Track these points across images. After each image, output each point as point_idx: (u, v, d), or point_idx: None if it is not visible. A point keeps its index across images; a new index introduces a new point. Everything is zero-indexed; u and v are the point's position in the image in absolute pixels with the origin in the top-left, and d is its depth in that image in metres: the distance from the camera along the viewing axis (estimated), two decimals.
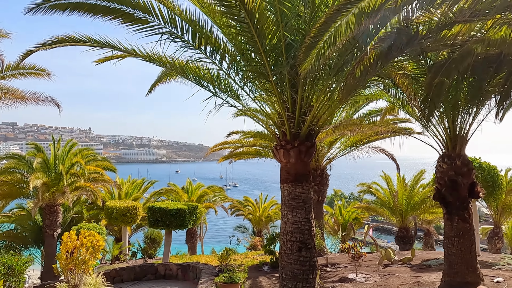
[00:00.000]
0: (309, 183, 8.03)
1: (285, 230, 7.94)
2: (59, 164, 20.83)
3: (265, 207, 29.51)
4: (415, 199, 22.18)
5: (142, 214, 21.68)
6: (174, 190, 27.09)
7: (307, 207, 7.94)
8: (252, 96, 8.75)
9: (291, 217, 7.87)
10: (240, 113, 18.99)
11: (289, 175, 7.94)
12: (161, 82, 10.85)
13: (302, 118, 7.71)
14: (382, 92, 11.82)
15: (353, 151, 18.62)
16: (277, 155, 8.11)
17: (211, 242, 34.28)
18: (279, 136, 8.21)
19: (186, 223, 16.76)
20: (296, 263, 7.74)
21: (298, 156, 7.83)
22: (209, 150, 18.60)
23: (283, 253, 7.95)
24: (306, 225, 7.86)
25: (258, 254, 19.91)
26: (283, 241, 7.97)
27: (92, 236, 10.39)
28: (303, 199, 7.90)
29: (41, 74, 14.96)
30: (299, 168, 7.92)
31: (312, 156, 8.08)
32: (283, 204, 8.06)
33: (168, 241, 17.67)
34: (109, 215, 20.25)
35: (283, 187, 8.09)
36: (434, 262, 13.96)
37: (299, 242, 7.78)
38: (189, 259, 19.48)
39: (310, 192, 8.06)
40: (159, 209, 16.51)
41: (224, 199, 29.16)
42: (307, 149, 7.87)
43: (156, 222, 16.68)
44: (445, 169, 9.78)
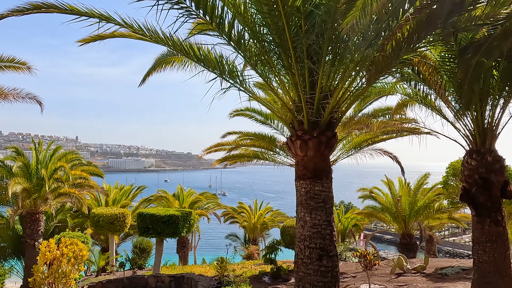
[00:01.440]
0: (329, 180, 6.91)
1: (302, 235, 6.78)
2: (41, 169, 19.35)
3: (260, 214, 28.21)
4: (419, 204, 21.20)
5: (131, 222, 20.29)
6: (165, 197, 25.72)
7: (327, 208, 6.81)
8: (262, 80, 7.52)
9: (309, 220, 6.71)
10: (236, 113, 17.92)
11: (307, 171, 6.80)
12: (155, 70, 9.66)
13: (323, 104, 6.60)
14: (395, 84, 10.82)
15: (356, 152, 17.57)
16: (292, 147, 6.97)
17: (201, 252, 32.80)
18: (295, 125, 7.07)
19: (179, 231, 15.48)
20: (316, 274, 6.57)
21: (317, 148, 6.71)
22: (204, 152, 17.40)
23: (300, 262, 6.78)
24: (327, 229, 6.72)
25: (255, 264, 18.65)
26: (300, 248, 6.80)
27: (74, 245, 9.09)
28: (323, 199, 6.76)
29: (21, 67, 13.68)
30: (318, 162, 6.81)
31: (333, 149, 6.96)
32: (300, 205, 6.91)
33: (160, 250, 16.33)
34: (95, 223, 18.84)
35: (299, 185, 6.94)
36: (450, 271, 12.91)
37: (319, 249, 6.62)
38: (182, 270, 18.11)
39: (331, 190, 6.93)
40: (150, 215, 15.22)
41: (217, 206, 27.82)
42: (328, 140, 6.76)
43: (146, 230, 15.36)
44: (474, 166, 8.72)
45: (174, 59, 9.28)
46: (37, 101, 15.05)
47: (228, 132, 16.35)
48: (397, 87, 10.90)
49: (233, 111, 17.57)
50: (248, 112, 17.75)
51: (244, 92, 7.52)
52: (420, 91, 9.62)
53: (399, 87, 10.76)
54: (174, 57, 9.25)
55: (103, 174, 23.43)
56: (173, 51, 8.77)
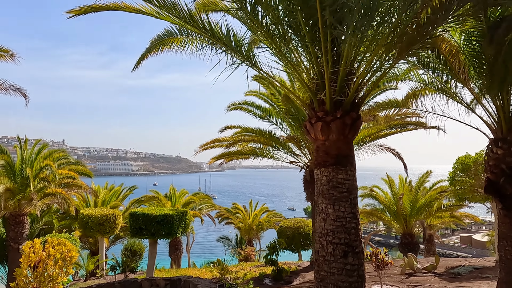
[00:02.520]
0: (354, 168, 6.16)
1: (324, 229, 5.99)
2: (26, 168, 18.24)
3: (255, 215, 27.34)
4: (420, 202, 20.61)
5: (121, 223, 19.29)
6: (157, 198, 24.71)
7: (352, 199, 6.04)
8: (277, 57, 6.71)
9: (332, 212, 5.93)
10: (234, 107, 17.12)
11: (329, 157, 6.03)
12: (151, 53, 8.80)
13: (347, 80, 5.84)
14: (408, 71, 10.15)
15: (358, 149, 16.88)
16: (312, 131, 6.19)
17: (191, 256, 31.59)
18: (314, 106, 6.28)
19: (175, 231, 14.55)
20: (340, 273, 5.79)
21: (341, 130, 5.94)
22: (200, 149, 16.52)
23: (322, 260, 5.98)
24: (352, 222, 5.95)
25: (253, 266, 17.80)
26: (321, 244, 6.01)
27: (62, 245, 8.16)
28: (347, 188, 6.00)
29: (3, 55, 12.70)
30: (342, 147, 6.04)
31: (357, 133, 6.21)
32: (320, 195, 6.12)
33: (153, 252, 15.36)
34: (83, 225, 17.81)
35: (319, 173, 6.16)
36: (462, 270, 12.25)
37: (344, 245, 5.84)
38: (177, 273, 17.16)
39: (355, 179, 6.16)
40: (142, 215, 14.26)
41: (211, 207, 26.87)
42: (353, 122, 6.00)
43: (139, 231, 14.40)
44: (500, 155, 8.07)
45: (172, 40, 8.43)
46: (22, 93, 14.06)
47: (226, 126, 15.53)
48: (410, 74, 10.24)
49: (231, 104, 16.78)
50: (246, 106, 16.96)
51: (254, 69, 6.69)
52: (439, 77, 8.94)
53: (413, 74, 10.10)
54: (172, 37, 8.41)
55: (92, 174, 22.35)
56: (173, 29, 7.98)
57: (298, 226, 21.32)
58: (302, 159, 16.93)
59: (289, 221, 22.53)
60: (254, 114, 17.00)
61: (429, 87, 9.92)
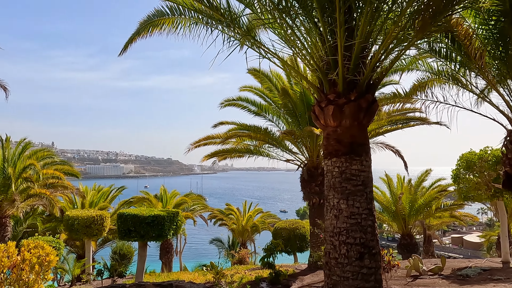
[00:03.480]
0: (369, 158, 5.44)
1: (337, 228, 5.27)
2: (8, 167, 17.28)
3: (250, 216, 26.52)
4: (419, 202, 20.03)
5: (109, 225, 18.38)
6: (147, 199, 23.82)
7: (368, 193, 5.33)
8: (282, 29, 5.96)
9: (345, 208, 5.21)
10: (228, 103, 16.35)
11: (341, 145, 5.31)
12: (140, 36, 8.00)
13: (362, 58, 5.12)
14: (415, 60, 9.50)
15: None
16: (321, 116, 5.48)
17: (182, 258, 30.60)
18: (325, 88, 5.55)
19: (165, 233, 13.72)
20: (355, 278, 5.07)
21: (355, 115, 5.24)
22: (192, 146, 15.70)
23: (334, 263, 5.25)
24: (369, 219, 5.24)
25: (248, 269, 17.01)
26: (333, 244, 5.28)
27: (40, 248, 7.31)
28: (362, 180, 5.29)
29: None
30: (356, 133, 5.33)
31: (373, 119, 5.50)
32: (331, 189, 5.40)
33: (143, 256, 14.50)
34: (69, 227, 16.85)
35: (330, 164, 5.44)
36: (470, 271, 11.62)
37: (360, 245, 5.13)
38: (168, 277, 16.32)
39: (371, 171, 5.45)
40: (131, 216, 13.42)
41: (203, 208, 26.02)
42: (369, 105, 5.30)
43: (128, 233, 13.55)
44: None
45: (163, 21, 7.66)
46: (1, 86, 13.18)
47: (221, 121, 14.75)
48: (418, 63, 9.59)
49: (224, 101, 16.02)
50: (240, 102, 16.21)
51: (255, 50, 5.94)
52: (451, 63, 8.29)
53: (421, 62, 9.45)
54: (163, 18, 7.64)
55: (79, 174, 21.42)
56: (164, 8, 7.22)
57: (294, 227, 20.63)
58: (299, 157, 16.24)
59: (284, 222, 21.82)
60: (249, 110, 16.28)
61: (438, 77, 9.27)
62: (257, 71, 15.33)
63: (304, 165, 16.03)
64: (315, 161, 15.78)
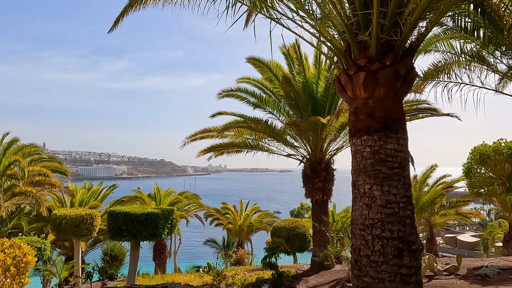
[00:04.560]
0: (406, 136, 4.58)
1: (369, 220, 4.38)
2: None
3: (247, 215, 25.56)
4: (424, 199, 19.26)
5: (100, 225, 17.36)
6: (140, 197, 22.81)
7: (406, 177, 4.47)
8: None
9: (379, 195, 4.34)
10: (226, 94, 15.38)
11: (373, 120, 4.44)
12: (133, 8, 7.08)
13: (399, 14, 4.25)
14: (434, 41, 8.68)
15: None
16: (349, 86, 4.60)
17: (171, 260, 29.23)
18: (353, 53, 4.65)
19: (160, 232, 12.81)
20: (393, 279, 4.19)
21: (391, 84, 4.37)
22: (188, 140, 14.74)
23: (366, 262, 4.36)
24: (407, 209, 4.37)
25: (248, 270, 16.09)
26: (365, 239, 4.40)
27: (16, 248, 6.37)
28: (399, 162, 4.42)
29: None
30: (391, 107, 4.46)
31: (410, 90, 4.64)
32: (361, 173, 4.51)
33: (135, 256, 13.56)
34: (57, 227, 15.81)
35: (360, 143, 4.56)
36: (489, 271, 10.81)
37: (398, 240, 4.25)
38: (162, 279, 15.35)
39: (409, 152, 4.59)
40: (123, 214, 12.50)
41: (198, 207, 25.01)
42: (407, 72, 4.43)
43: (119, 232, 12.62)
44: None
45: None
46: None
47: (219, 112, 13.82)
48: (438, 44, 8.76)
49: (222, 91, 15.08)
50: (239, 93, 15.28)
51: (264, 14, 5.04)
52: (479, 39, 7.45)
53: (443, 43, 8.62)
54: None
55: (68, 171, 20.36)
56: None
57: (294, 227, 19.73)
58: (301, 152, 15.38)
59: (283, 221, 20.90)
60: (248, 102, 15.37)
61: (459, 59, 8.45)
62: (256, 59, 14.45)
63: (306, 160, 15.17)
64: (318, 156, 14.93)
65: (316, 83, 14.67)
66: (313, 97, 14.70)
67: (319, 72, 14.66)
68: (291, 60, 14.75)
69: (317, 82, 14.63)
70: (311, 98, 14.57)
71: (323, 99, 14.31)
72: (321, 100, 14.49)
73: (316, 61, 14.76)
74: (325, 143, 14.77)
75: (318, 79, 14.58)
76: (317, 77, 14.63)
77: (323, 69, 14.60)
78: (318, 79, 14.58)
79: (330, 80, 13.89)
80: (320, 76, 14.61)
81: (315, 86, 14.74)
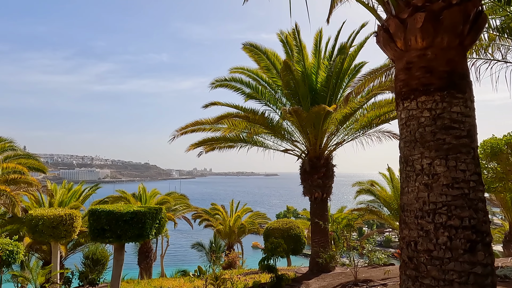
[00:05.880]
0: (473, 96, 3.61)
1: (429, 204, 3.38)
2: None
3: (238, 216, 24.36)
4: None
5: (81, 227, 16.05)
6: (124, 198, 21.50)
7: (475, 150, 3.49)
8: None
9: (443, 172, 3.35)
10: (219, 84, 14.26)
11: (433, 76, 3.46)
12: None
13: None
14: None
15: (363, 135, 14.52)
16: (400, 34, 3.61)
17: (158, 264, 27.57)
18: None
19: (147, 232, 11.59)
20: (464, 281, 3.20)
21: (458, 29, 3.41)
22: (178, 132, 13.57)
23: (425, 258, 3.35)
24: (479, 190, 3.40)
25: (241, 273, 14.99)
26: (423, 229, 3.39)
27: None
28: (468, 130, 3.46)
29: None
30: (456, 58, 3.50)
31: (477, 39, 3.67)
32: (415, 145, 3.52)
33: (119, 260, 12.30)
34: (33, 228, 14.42)
35: (415, 106, 3.57)
36: (508, 271, 9.99)
37: (470, 230, 3.27)
38: (149, 285, 14.13)
39: (475, 117, 3.61)
40: (106, 213, 11.27)
41: (187, 208, 23.76)
42: (476, 15, 3.47)
43: (101, 233, 11.36)
44: None
45: None
46: None
47: (212, 102, 12.73)
48: None
49: (215, 81, 13.98)
50: (233, 83, 14.22)
51: None
52: None
53: None
54: None
55: (47, 169, 18.94)
56: None
57: (288, 228, 18.74)
58: (299, 147, 14.42)
59: (277, 222, 19.89)
60: (242, 92, 14.33)
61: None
62: (253, 46, 13.43)
63: (305, 155, 14.21)
64: (318, 151, 13.98)
65: (315, 73, 13.75)
66: (313, 88, 13.77)
67: (319, 62, 13.75)
68: (289, 49, 13.79)
69: (317, 72, 13.72)
70: (310, 89, 13.64)
71: (324, 90, 13.37)
72: (321, 91, 13.56)
73: (315, 49, 13.85)
74: (325, 136, 13.84)
75: (318, 69, 13.66)
76: (316, 67, 13.72)
77: (325, 57, 13.69)
78: (318, 69, 13.66)
79: (332, 70, 12.97)
80: (320, 66, 13.69)
81: (314, 77, 13.81)
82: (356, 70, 14.06)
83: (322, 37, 13.84)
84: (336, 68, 13.02)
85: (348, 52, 12.51)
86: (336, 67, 13.00)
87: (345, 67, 13.30)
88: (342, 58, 12.91)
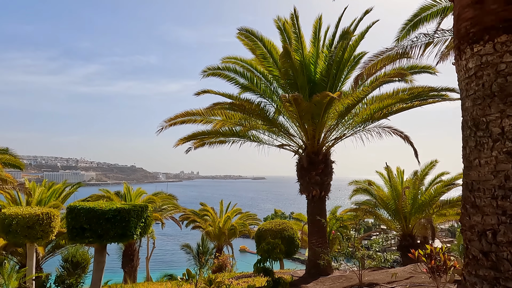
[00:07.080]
0: None
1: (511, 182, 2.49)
2: None
3: (228, 217, 23.33)
4: (423, 198, 17.81)
5: (60, 227, 14.91)
6: (107, 197, 20.32)
7: None
8: None
9: None
10: (211, 72, 13.22)
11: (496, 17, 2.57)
12: None
13: None
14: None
15: (363, 130, 13.71)
16: None
17: (142, 269, 26.17)
18: None
19: (131, 232, 10.56)
20: None
21: None
22: (167, 123, 12.53)
23: (511, 255, 2.46)
24: None
25: (233, 277, 14.01)
26: (506, 215, 2.50)
27: None
28: None
29: None
30: None
31: None
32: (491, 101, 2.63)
33: (101, 262, 11.20)
34: (6, 228, 13.26)
35: (489, 50, 2.68)
36: None
37: None
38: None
39: None
40: (86, 210, 10.21)
41: (174, 208, 22.65)
42: None
43: (80, 232, 10.28)
44: None
45: None
46: None
47: (204, 90, 11.76)
48: None
49: (208, 69, 13.00)
50: (226, 72, 13.25)
51: None
52: None
53: None
54: None
55: (24, 164, 17.70)
56: None
57: (281, 229, 17.87)
58: (296, 141, 13.55)
59: (269, 223, 18.99)
60: (236, 83, 13.40)
61: None
62: (249, 32, 12.51)
63: (303, 150, 13.34)
64: (316, 146, 13.12)
65: (314, 63, 12.92)
66: (311, 79, 12.93)
67: (317, 51, 12.91)
68: (287, 36, 12.92)
69: (315, 62, 12.88)
70: (308, 80, 12.79)
71: (324, 80, 12.53)
72: (320, 82, 12.71)
73: (314, 37, 13.00)
74: (324, 130, 13.01)
75: (317, 58, 12.83)
76: (315, 56, 12.89)
77: (324, 46, 12.86)
78: (317, 58, 12.83)
79: (333, 58, 12.13)
80: (319, 55, 12.87)
81: (313, 67, 12.97)
82: (355, 61, 13.29)
83: (321, 24, 12.99)
84: (337, 58, 12.18)
85: (352, 37, 11.64)
86: (337, 56, 12.16)
87: (346, 57, 12.46)
88: (343, 47, 12.06)
